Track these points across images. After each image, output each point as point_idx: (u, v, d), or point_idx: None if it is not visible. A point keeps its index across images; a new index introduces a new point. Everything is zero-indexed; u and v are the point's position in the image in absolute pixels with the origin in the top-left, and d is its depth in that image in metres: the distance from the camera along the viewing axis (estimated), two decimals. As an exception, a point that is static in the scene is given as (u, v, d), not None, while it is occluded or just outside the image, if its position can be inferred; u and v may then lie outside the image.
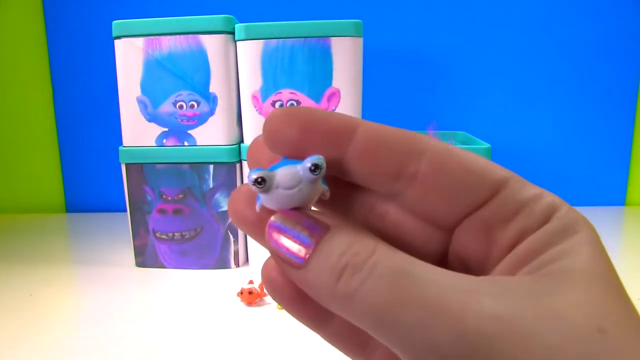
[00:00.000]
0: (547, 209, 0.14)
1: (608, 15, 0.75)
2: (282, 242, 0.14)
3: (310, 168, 0.14)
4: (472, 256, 0.15)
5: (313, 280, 0.14)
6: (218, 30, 0.52)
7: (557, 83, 0.77)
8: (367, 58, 0.56)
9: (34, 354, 0.39)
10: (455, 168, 0.15)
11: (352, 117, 0.15)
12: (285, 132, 0.15)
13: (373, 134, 0.15)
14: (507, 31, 0.76)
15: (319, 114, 0.15)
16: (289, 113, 0.15)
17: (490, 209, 0.15)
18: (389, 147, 0.15)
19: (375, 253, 0.13)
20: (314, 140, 0.15)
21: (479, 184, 0.15)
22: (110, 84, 0.64)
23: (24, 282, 0.53)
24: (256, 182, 0.14)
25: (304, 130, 0.15)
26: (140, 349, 0.40)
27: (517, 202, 0.14)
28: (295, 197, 0.14)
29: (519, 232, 0.14)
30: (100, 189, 0.82)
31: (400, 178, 0.15)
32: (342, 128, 0.15)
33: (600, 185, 0.80)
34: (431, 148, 0.15)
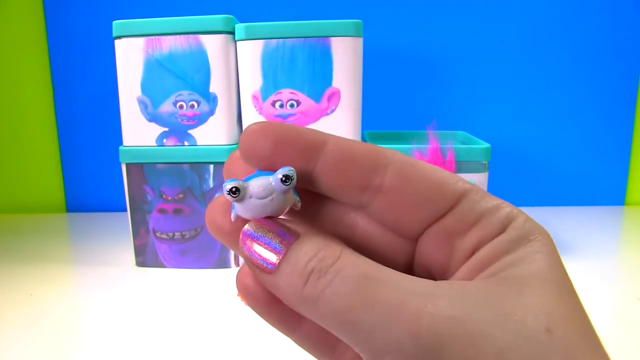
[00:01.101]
0: (505, 219, 0.15)
1: (608, 15, 0.75)
2: (255, 248, 0.15)
3: (281, 179, 0.15)
4: (435, 264, 0.16)
5: (283, 284, 0.14)
6: (218, 30, 0.52)
7: (557, 83, 0.77)
8: (367, 58, 0.56)
9: (34, 354, 0.39)
10: (418, 180, 0.16)
11: (321, 132, 0.16)
12: (259, 146, 0.16)
13: (340, 148, 0.16)
14: (507, 31, 0.76)
15: (291, 130, 0.16)
16: (263, 128, 0.16)
17: (450, 218, 0.16)
18: (356, 161, 0.16)
19: (341, 258, 0.14)
20: (285, 154, 0.16)
21: (440, 195, 0.16)
22: (110, 84, 0.64)
23: (24, 282, 0.53)
24: (231, 191, 0.15)
25: (277, 145, 0.15)
26: (140, 349, 0.40)
27: (476, 212, 0.15)
28: (268, 207, 0.15)
29: (477, 241, 0.15)
30: (100, 189, 0.82)
31: (367, 190, 0.16)
32: (311, 143, 0.16)
33: (600, 185, 0.80)
34: (396, 161, 0.16)
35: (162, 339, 0.42)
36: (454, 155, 0.52)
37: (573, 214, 0.76)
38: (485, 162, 0.53)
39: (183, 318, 0.45)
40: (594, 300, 0.47)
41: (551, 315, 0.13)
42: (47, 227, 0.75)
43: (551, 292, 0.13)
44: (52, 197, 0.84)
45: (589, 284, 0.51)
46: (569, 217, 0.74)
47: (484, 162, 0.53)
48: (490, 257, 0.15)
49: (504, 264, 0.14)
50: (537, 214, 0.74)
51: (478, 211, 0.15)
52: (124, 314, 0.46)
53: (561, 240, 0.64)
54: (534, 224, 0.15)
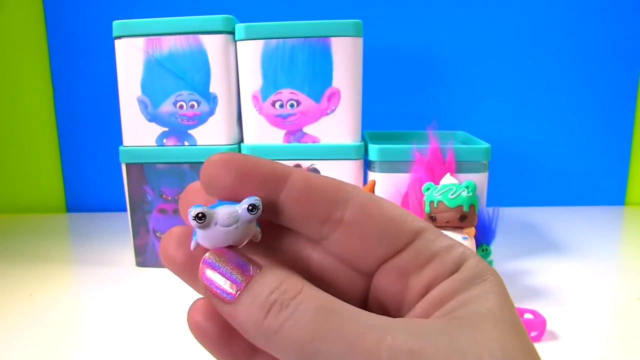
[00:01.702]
0: (458, 259, 0.16)
1: (608, 15, 0.75)
2: (215, 278, 0.15)
3: (248, 208, 0.15)
4: (389, 300, 0.17)
5: (242, 315, 0.14)
6: (218, 30, 0.52)
7: (557, 83, 0.77)
8: (367, 58, 0.56)
9: (34, 354, 0.39)
10: (376, 216, 0.16)
11: (284, 165, 0.16)
12: (221, 177, 0.16)
13: (303, 181, 0.16)
14: (507, 31, 0.76)
15: (254, 162, 0.16)
16: (226, 160, 0.16)
17: (405, 256, 0.16)
18: (318, 193, 0.16)
19: (302, 292, 0.14)
20: (248, 185, 0.16)
21: (396, 233, 0.16)
22: (110, 84, 0.64)
23: (24, 282, 0.53)
24: (197, 217, 0.15)
25: (240, 177, 0.16)
26: (140, 349, 0.40)
27: (430, 251, 0.16)
28: (231, 235, 0.15)
29: (431, 279, 0.16)
30: (100, 189, 0.82)
31: (327, 222, 0.16)
32: (274, 176, 0.16)
33: (600, 185, 0.80)
34: (357, 196, 0.16)
35: (162, 339, 0.42)
36: (454, 155, 0.52)
37: (573, 214, 0.76)
38: (485, 162, 0.53)
39: (183, 318, 0.45)
40: (594, 300, 0.47)
41: (505, 352, 0.13)
42: (47, 227, 0.75)
43: (504, 330, 0.14)
44: (52, 197, 0.84)
45: (589, 284, 0.51)
46: (569, 217, 0.74)
47: (484, 162, 0.53)
48: (445, 296, 0.15)
49: (458, 302, 0.15)
50: (537, 214, 0.75)
51: (432, 250, 0.16)
52: (123, 314, 0.46)
53: (561, 240, 0.64)
54: (485, 265, 0.16)
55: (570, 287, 0.50)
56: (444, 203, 0.45)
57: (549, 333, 0.41)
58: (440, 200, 0.46)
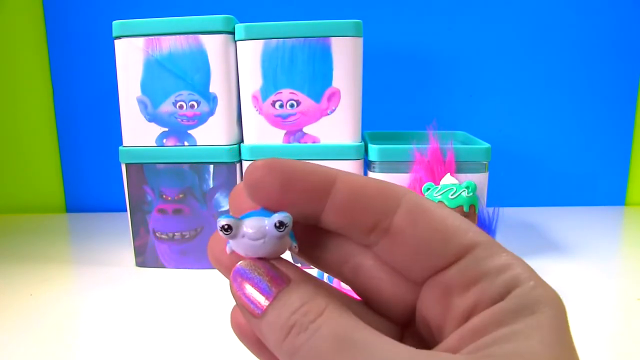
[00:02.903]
0: (508, 284, 0.14)
1: (608, 15, 0.75)
2: (245, 288, 0.15)
3: (275, 224, 0.14)
4: (432, 318, 0.15)
5: (266, 331, 0.14)
6: (218, 30, 0.52)
7: (557, 83, 0.77)
8: (367, 58, 0.56)
9: (34, 354, 0.39)
10: (425, 225, 0.15)
11: (329, 169, 0.15)
12: (265, 187, 0.15)
13: (350, 189, 0.15)
14: (507, 31, 0.76)
15: (299, 170, 0.15)
16: (270, 167, 0.15)
17: (452, 272, 0.15)
18: (365, 202, 0.15)
19: (324, 314, 0.14)
20: (292, 196, 0.15)
21: (445, 245, 0.14)
22: (110, 84, 0.64)
23: (24, 282, 0.53)
24: (223, 228, 0.15)
25: (284, 188, 0.15)
26: (140, 349, 0.40)
27: (479, 270, 0.14)
28: (260, 249, 0.15)
29: (474, 304, 0.14)
30: (100, 189, 0.82)
31: (375, 231, 0.15)
32: (320, 184, 0.15)
33: (600, 185, 0.80)
34: (406, 203, 0.15)
35: (162, 339, 0.42)
36: (454, 155, 0.52)
37: (573, 214, 0.76)
38: (485, 162, 0.53)
39: (183, 318, 0.45)
40: (594, 301, 0.47)
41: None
42: (47, 227, 0.75)
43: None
44: (52, 197, 0.84)
45: (589, 284, 0.51)
46: (569, 217, 0.74)
47: (484, 162, 0.53)
48: (484, 327, 0.13)
49: (495, 337, 0.13)
50: (537, 214, 0.75)
51: (481, 269, 0.14)
52: (123, 314, 0.46)
53: (561, 240, 0.64)
54: (543, 292, 0.13)
55: (570, 287, 0.50)
56: (444, 203, 0.45)
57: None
58: (441, 201, 0.46)
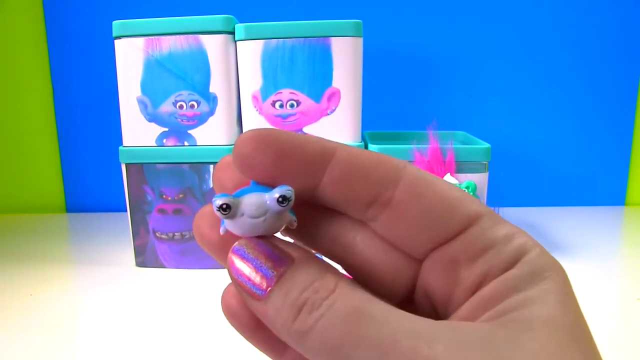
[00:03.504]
0: (516, 252, 0.14)
1: (608, 15, 0.75)
2: (244, 270, 0.14)
3: (278, 199, 0.13)
4: (437, 292, 0.15)
5: (272, 313, 0.13)
6: (218, 30, 0.52)
7: (557, 83, 0.77)
8: (367, 58, 0.56)
9: (34, 354, 0.39)
10: (429, 197, 0.14)
11: (327, 141, 0.15)
12: (257, 158, 0.14)
13: (349, 161, 0.14)
14: (507, 31, 0.76)
15: (295, 141, 0.14)
16: (263, 137, 0.14)
17: (457, 244, 0.14)
18: (365, 174, 0.14)
19: (335, 291, 0.13)
20: (288, 169, 0.14)
21: (449, 217, 0.14)
22: (110, 84, 0.64)
23: (24, 282, 0.53)
24: (221, 208, 0.13)
25: (279, 158, 0.14)
26: (140, 349, 0.40)
27: (486, 240, 0.14)
28: (261, 227, 0.14)
29: (484, 274, 0.14)
30: (100, 189, 0.82)
31: (374, 205, 0.15)
32: (318, 155, 0.14)
33: (600, 185, 0.80)
34: (407, 175, 0.14)
35: (162, 339, 0.42)
36: (454, 155, 0.52)
37: (573, 214, 0.76)
38: (485, 162, 0.53)
39: (183, 318, 0.45)
40: (594, 301, 0.47)
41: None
42: (47, 227, 0.75)
43: (563, 339, 0.12)
44: (52, 197, 0.84)
45: (589, 284, 0.51)
46: (569, 217, 0.74)
47: (484, 162, 0.53)
48: (498, 295, 0.13)
49: (512, 304, 0.13)
50: (537, 214, 0.75)
51: (488, 239, 0.14)
52: (123, 314, 0.46)
53: (561, 240, 0.64)
54: (549, 259, 0.14)
55: (570, 287, 0.50)
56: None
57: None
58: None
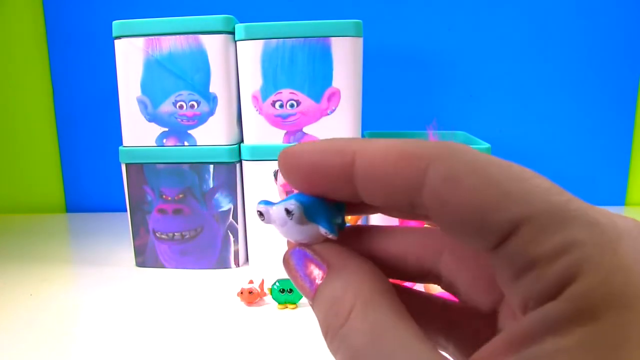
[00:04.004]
0: (562, 275, 0.10)
1: (608, 15, 0.75)
2: (295, 274, 0.15)
3: (286, 210, 0.14)
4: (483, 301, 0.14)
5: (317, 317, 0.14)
6: (218, 30, 0.52)
7: (557, 83, 0.77)
8: (367, 58, 0.56)
9: (33, 354, 0.39)
10: (455, 204, 0.11)
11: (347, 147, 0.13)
12: (288, 176, 0.15)
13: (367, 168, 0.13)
14: (506, 31, 0.76)
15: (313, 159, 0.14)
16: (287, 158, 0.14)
17: (496, 259, 0.11)
18: (386, 180, 0.13)
19: (350, 319, 0.13)
20: (318, 184, 0.14)
21: (480, 228, 0.11)
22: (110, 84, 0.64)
23: (24, 282, 0.53)
24: (258, 213, 0.15)
25: (304, 177, 0.14)
26: (140, 349, 0.40)
27: (527, 258, 0.11)
28: (288, 234, 0.15)
29: (524, 300, 0.11)
30: (100, 189, 0.82)
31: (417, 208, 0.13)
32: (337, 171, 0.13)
33: (600, 185, 0.80)
34: (431, 174, 0.12)
35: (162, 339, 0.42)
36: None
37: (573, 214, 0.76)
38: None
39: (183, 318, 0.45)
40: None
41: None
42: (47, 227, 0.75)
43: None
44: (52, 197, 0.84)
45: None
46: (569, 217, 0.74)
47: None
48: (530, 334, 0.10)
49: (541, 352, 0.10)
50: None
51: (530, 255, 0.11)
52: (123, 314, 0.46)
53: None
54: (612, 290, 0.10)
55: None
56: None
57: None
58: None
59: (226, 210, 0.55)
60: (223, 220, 0.56)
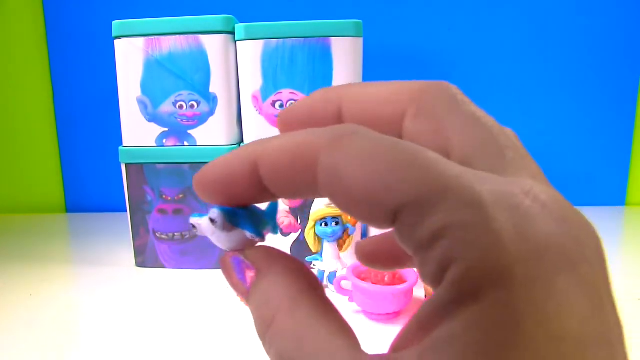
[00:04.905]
0: (440, 262, 0.10)
1: (608, 15, 0.75)
2: (230, 280, 0.15)
3: (210, 219, 0.15)
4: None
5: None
6: (218, 30, 0.52)
7: (557, 83, 0.77)
8: (367, 58, 0.56)
9: (34, 354, 0.39)
10: (344, 192, 0.12)
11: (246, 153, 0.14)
12: (207, 199, 0.15)
13: (269, 173, 0.13)
14: (507, 31, 0.76)
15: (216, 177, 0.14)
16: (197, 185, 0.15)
17: (396, 242, 0.12)
18: (286, 177, 0.13)
19: (273, 323, 0.13)
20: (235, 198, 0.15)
21: (371, 213, 0.11)
22: (110, 84, 0.64)
23: (24, 282, 0.53)
24: (191, 226, 0.16)
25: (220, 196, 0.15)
26: (140, 349, 0.40)
27: (411, 245, 0.11)
28: (219, 242, 0.15)
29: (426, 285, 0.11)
30: (100, 189, 0.82)
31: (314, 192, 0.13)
32: (240, 180, 0.14)
33: (600, 185, 0.80)
34: (322, 164, 0.12)
35: (162, 339, 0.42)
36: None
37: (573, 214, 0.76)
38: (485, 162, 0.53)
39: (183, 318, 0.45)
40: (594, 301, 0.47)
41: None
42: (47, 227, 0.75)
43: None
44: (52, 197, 0.84)
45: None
46: (569, 217, 0.74)
47: (484, 162, 0.53)
48: (431, 318, 0.10)
49: (440, 337, 0.10)
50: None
51: (412, 243, 0.11)
52: (123, 314, 0.46)
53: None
54: (488, 268, 0.10)
55: (570, 287, 0.50)
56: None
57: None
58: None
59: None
60: (223, 220, 0.56)
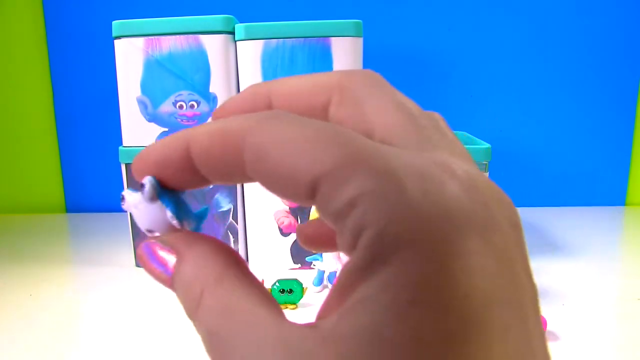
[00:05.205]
0: (353, 230, 0.11)
1: (608, 15, 0.75)
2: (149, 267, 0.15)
3: (140, 184, 0.15)
4: None
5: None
6: (218, 30, 0.52)
7: (557, 83, 0.77)
8: (367, 58, 0.56)
9: (33, 354, 0.39)
10: (266, 178, 0.12)
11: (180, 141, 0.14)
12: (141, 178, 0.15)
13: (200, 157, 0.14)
14: (507, 31, 0.76)
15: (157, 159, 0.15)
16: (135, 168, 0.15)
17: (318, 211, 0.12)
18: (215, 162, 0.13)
19: (202, 299, 0.13)
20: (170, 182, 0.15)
21: (294, 189, 0.12)
22: (110, 84, 0.64)
23: (24, 282, 0.53)
24: (121, 197, 0.15)
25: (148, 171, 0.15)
26: (140, 349, 0.40)
27: (330, 215, 0.11)
28: (140, 219, 0.15)
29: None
30: (100, 189, 0.82)
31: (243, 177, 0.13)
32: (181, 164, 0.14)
33: (600, 185, 0.80)
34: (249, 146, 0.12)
35: (162, 339, 0.42)
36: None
37: (573, 214, 0.76)
38: (485, 162, 0.53)
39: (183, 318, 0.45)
40: (594, 301, 0.47)
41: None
42: (47, 227, 0.75)
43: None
44: (52, 197, 0.84)
45: (589, 284, 0.51)
46: (569, 217, 0.74)
47: (484, 162, 0.53)
48: (349, 284, 0.11)
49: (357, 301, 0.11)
50: (537, 214, 0.75)
51: (330, 213, 0.11)
52: (123, 314, 0.46)
53: (561, 240, 0.64)
54: (397, 232, 0.10)
55: (570, 288, 0.50)
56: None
57: (549, 333, 0.41)
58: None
59: (226, 211, 0.55)
60: (223, 220, 0.56)
